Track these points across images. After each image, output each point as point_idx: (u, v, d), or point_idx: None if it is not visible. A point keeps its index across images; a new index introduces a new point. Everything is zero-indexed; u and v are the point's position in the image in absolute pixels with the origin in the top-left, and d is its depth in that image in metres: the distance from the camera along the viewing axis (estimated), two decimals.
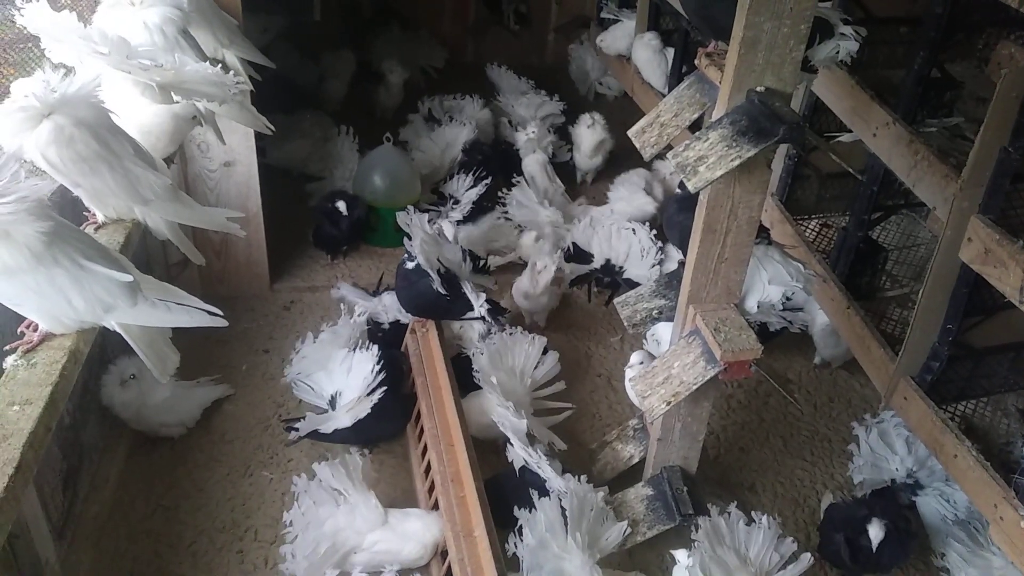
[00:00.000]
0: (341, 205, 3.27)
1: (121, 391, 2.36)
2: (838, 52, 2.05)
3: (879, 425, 2.54)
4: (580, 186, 3.94)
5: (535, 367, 2.58)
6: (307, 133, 3.75)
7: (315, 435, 2.38)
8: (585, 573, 1.94)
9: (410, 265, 2.49)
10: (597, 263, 3.23)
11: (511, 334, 2.62)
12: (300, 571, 2.02)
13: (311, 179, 3.68)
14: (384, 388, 2.39)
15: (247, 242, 3.00)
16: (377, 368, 2.40)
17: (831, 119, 2.68)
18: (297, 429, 2.38)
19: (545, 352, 2.63)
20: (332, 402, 2.47)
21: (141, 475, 2.38)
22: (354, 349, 2.49)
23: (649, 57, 3.65)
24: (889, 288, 2.69)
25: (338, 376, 2.49)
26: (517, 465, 2.27)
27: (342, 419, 2.37)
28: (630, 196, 3.48)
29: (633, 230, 3.18)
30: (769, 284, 2.09)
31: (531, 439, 2.34)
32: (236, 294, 3.04)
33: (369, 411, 2.36)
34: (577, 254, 3.26)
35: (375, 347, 2.47)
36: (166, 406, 2.44)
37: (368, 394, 2.37)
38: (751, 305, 2.08)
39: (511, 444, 2.29)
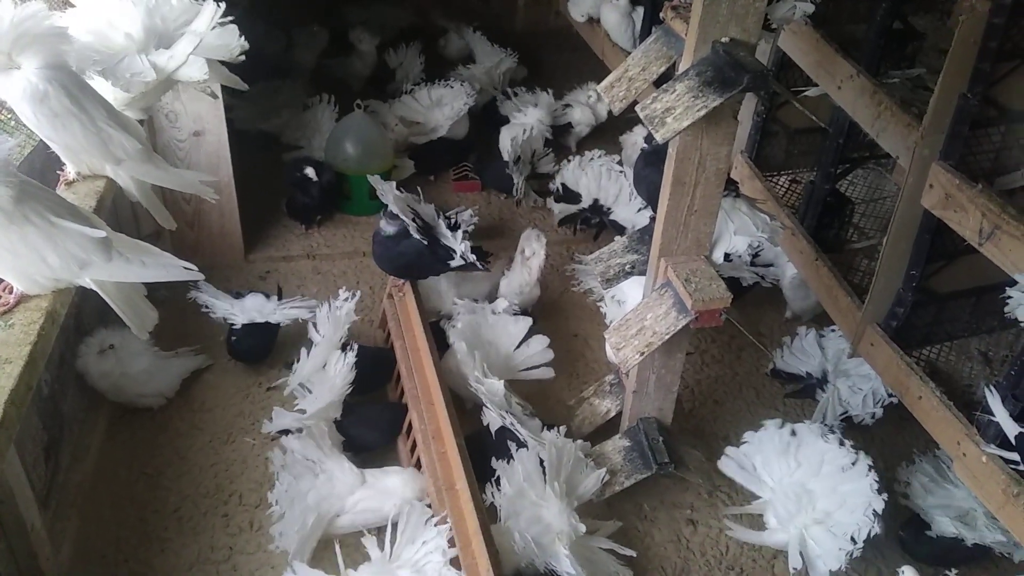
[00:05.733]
0: (310, 171, 3.26)
1: (98, 362, 2.36)
2: (795, 11, 2.09)
3: (805, 338, 2.74)
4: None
5: (516, 347, 2.58)
6: (281, 102, 3.73)
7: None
8: (563, 520, 2.00)
9: (390, 230, 2.48)
10: (585, 203, 3.29)
11: (496, 312, 2.61)
12: (292, 546, 2.03)
13: (287, 147, 3.66)
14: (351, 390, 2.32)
15: (220, 212, 2.99)
16: (344, 379, 2.33)
17: (798, 74, 2.71)
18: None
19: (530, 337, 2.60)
20: None
21: (123, 444, 2.39)
22: (343, 350, 2.40)
23: (618, 20, 3.65)
24: (856, 240, 2.75)
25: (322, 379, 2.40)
26: (494, 428, 2.31)
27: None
28: None
29: (623, 173, 3.22)
30: (735, 235, 2.13)
31: (507, 400, 2.38)
32: (211, 264, 3.01)
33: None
34: (566, 194, 3.33)
35: (349, 356, 2.36)
36: (144, 377, 2.45)
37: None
38: (718, 256, 2.12)
39: (486, 408, 2.32)
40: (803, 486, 2.17)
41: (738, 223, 2.16)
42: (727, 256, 2.15)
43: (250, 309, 2.62)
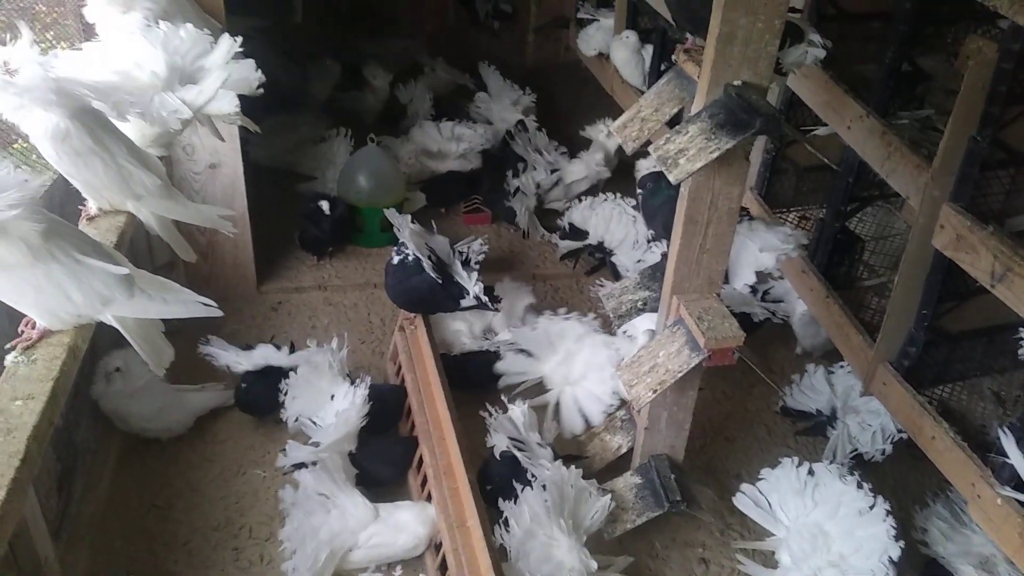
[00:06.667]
0: (324, 205, 3.31)
1: (110, 396, 2.36)
2: (806, 56, 2.12)
3: (815, 375, 2.74)
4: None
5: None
6: (300, 133, 3.81)
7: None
8: (574, 556, 1.99)
9: (395, 259, 2.52)
10: (591, 240, 3.34)
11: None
12: None
13: (302, 179, 3.71)
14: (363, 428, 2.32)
15: (234, 243, 3.01)
16: (359, 411, 2.33)
17: (807, 113, 2.74)
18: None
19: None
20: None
21: (134, 476, 2.39)
22: (353, 384, 2.41)
23: (628, 56, 3.71)
24: (866, 278, 2.75)
25: (331, 413, 2.40)
26: (498, 451, 2.30)
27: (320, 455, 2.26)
28: None
29: (634, 218, 3.25)
30: (761, 252, 2.13)
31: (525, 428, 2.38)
32: (223, 296, 2.98)
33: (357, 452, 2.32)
34: (572, 233, 3.38)
35: (360, 388, 2.37)
36: (153, 412, 2.43)
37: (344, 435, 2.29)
38: (749, 278, 2.12)
39: (493, 432, 2.33)
40: (819, 527, 2.16)
41: (760, 242, 2.17)
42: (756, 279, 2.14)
43: (257, 358, 2.55)
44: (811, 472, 2.25)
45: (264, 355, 2.56)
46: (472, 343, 2.81)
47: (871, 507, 2.13)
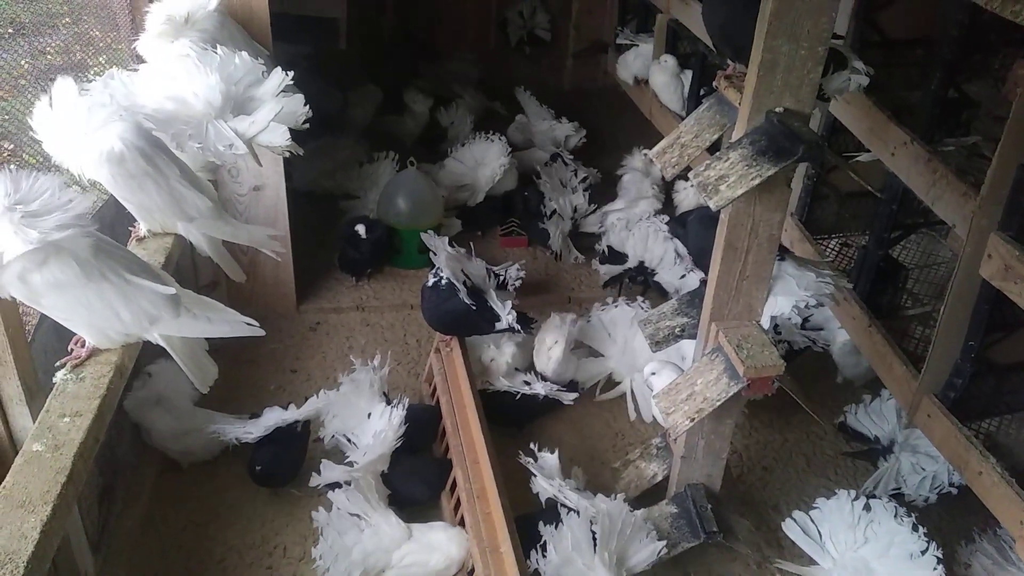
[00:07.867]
0: (360, 229, 3.36)
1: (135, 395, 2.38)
2: (849, 84, 2.10)
3: (886, 402, 2.70)
4: None
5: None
6: (340, 157, 3.88)
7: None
8: None
9: (431, 282, 2.53)
10: (631, 263, 3.33)
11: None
12: None
13: (346, 197, 3.78)
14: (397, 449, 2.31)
15: (275, 264, 3.06)
16: (395, 431, 2.32)
17: (849, 139, 2.71)
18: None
19: None
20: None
21: (172, 492, 2.43)
22: (390, 404, 2.39)
23: (667, 81, 3.72)
24: (910, 306, 2.70)
25: (367, 432, 2.40)
26: (543, 497, 2.27)
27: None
28: None
29: (670, 237, 3.25)
30: (777, 296, 2.11)
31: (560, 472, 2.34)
32: (263, 315, 3.00)
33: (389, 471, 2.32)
34: (611, 256, 3.38)
35: (398, 409, 2.36)
36: (178, 433, 2.43)
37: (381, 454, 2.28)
38: (764, 321, 2.10)
39: (535, 478, 2.30)
40: (866, 564, 2.10)
41: (779, 287, 2.14)
42: (775, 325, 2.12)
43: (266, 423, 2.42)
44: (867, 507, 2.19)
45: (274, 418, 2.43)
46: (511, 381, 2.75)
47: (923, 552, 2.07)
